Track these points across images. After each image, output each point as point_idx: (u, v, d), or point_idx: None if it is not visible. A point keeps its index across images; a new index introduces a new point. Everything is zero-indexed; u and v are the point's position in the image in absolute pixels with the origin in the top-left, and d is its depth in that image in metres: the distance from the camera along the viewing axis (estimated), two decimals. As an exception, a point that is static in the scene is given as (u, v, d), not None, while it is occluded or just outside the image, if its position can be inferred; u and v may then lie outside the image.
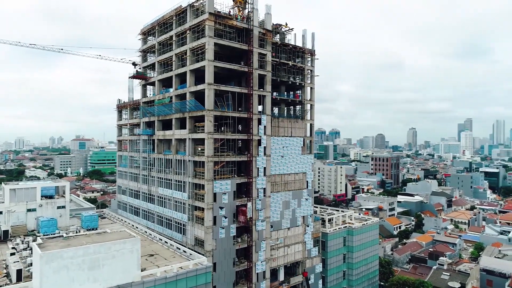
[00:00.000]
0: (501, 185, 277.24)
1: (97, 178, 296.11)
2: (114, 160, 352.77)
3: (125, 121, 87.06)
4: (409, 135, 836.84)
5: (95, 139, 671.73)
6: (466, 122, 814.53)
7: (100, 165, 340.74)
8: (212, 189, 58.82)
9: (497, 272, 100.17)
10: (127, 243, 33.41)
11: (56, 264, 29.95)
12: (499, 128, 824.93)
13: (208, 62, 58.39)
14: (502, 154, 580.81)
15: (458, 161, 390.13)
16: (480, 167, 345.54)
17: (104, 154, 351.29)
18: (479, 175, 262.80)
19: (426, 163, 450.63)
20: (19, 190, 54.21)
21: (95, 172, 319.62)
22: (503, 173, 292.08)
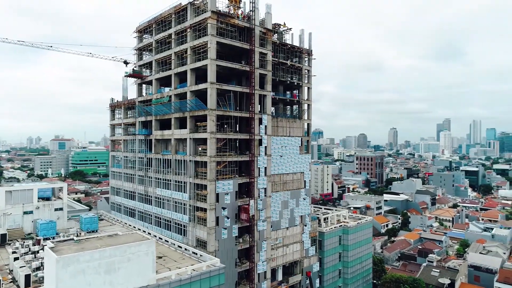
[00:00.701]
0: (480, 183, 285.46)
1: (79, 179, 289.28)
2: (97, 161, 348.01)
3: (118, 121, 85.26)
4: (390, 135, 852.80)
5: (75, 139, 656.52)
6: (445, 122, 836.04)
7: (82, 165, 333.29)
8: (215, 189, 58.21)
9: (484, 268, 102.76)
10: (142, 246, 32.56)
11: (73, 268, 28.91)
12: (476, 128, 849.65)
13: (210, 61, 57.72)
14: (479, 153, 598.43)
15: (439, 160, 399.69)
16: (459, 166, 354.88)
17: (86, 154, 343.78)
18: (460, 173, 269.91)
19: (408, 162, 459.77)
20: (15, 192, 52.22)
21: (78, 173, 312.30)
22: (482, 171, 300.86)
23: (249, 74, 62.66)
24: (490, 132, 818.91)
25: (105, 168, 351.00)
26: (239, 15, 62.98)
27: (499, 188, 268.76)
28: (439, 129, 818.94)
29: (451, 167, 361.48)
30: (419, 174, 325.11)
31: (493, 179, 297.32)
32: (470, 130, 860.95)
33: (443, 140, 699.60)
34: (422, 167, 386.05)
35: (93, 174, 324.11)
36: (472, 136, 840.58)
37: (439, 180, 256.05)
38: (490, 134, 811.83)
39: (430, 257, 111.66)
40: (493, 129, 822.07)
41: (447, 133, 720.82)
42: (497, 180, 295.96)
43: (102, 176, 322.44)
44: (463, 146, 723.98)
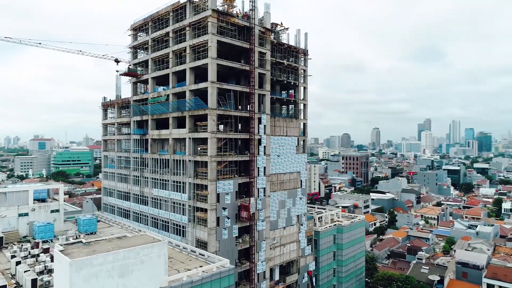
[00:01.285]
0: (461, 182, 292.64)
1: (62, 179, 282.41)
2: (80, 161, 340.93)
3: (111, 120, 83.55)
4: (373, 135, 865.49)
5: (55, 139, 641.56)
6: (425, 122, 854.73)
7: (64, 166, 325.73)
8: (215, 189, 57.69)
9: (471, 264, 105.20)
10: (155, 247, 31.88)
11: (86, 272, 28.03)
12: (455, 128, 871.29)
13: (211, 59, 57.16)
14: (459, 153, 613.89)
15: (421, 160, 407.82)
16: (440, 165, 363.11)
17: (69, 154, 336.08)
18: (443, 172, 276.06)
19: (391, 161, 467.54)
20: (9, 194, 50.39)
21: (60, 174, 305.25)
22: (463, 170, 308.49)
23: (249, 73, 62.36)
24: (469, 132, 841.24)
25: (88, 168, 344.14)
26: (239, 14, 62.59)
27: (479, 186, 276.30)
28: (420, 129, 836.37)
29: (433, 166, 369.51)
30: (402, 173, 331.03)
31: (474, 178, 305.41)
32: (450, 130, 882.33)
33: (424, 140, 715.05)
34: (405, 166, 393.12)
35: (76, 174, 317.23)
36: (451, 135, 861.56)
37: (423, 179, 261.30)
38: (468, 133, 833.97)
39: (419, 255, 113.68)
40: (471, 129, 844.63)
41: (428, 133, 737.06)
42: (478, 179, 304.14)
43: (85, 176, 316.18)
44: (443, 145, 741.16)
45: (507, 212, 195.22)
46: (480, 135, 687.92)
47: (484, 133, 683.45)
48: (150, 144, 70.49)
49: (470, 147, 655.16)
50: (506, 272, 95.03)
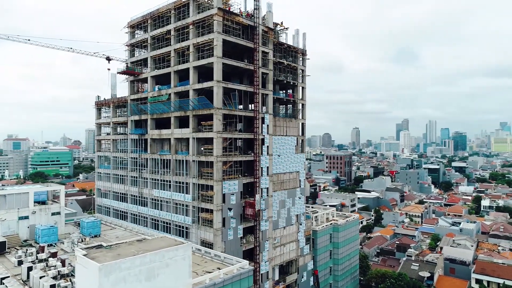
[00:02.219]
0: (441, 180, 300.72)
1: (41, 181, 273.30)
2: (59, 161, 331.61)
3: (105, 119, 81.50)
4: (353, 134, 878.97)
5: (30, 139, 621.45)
6: (403, 122, 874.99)
7: (43, 166, 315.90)
8: (221, 190, 57.10)
9: (458, 260, 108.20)
10: (179, 250, 31.14)
11: (114, 276, 27.09)
12: (432, 127, 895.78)
13: (217, 58, 56.52)
14: (436, 152, 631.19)
15: (401, 159, 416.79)
16: (420, 164, 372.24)
17: (47, 155, 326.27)
18: (424, 171, 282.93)
19: (371, 161, 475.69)
20: (9, 196, 48.24)
21: (38, 175, 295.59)
22: (442, 169, 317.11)
23: (252, 73, 62.04)
24: (444, 131, 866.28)
25: (68, 169, 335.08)
26: (242, 13, 62.16)
27: (458, 184, 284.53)
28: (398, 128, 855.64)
29: (412, 165, 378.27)
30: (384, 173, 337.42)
31: (452, 176, 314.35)
32: (426, 130, 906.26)
33: (402, 140, 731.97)
34: (386, 166, 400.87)
35: (55, 175, 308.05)
36: (428, 135, 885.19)
37: (405, 177, 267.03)
38: (444, 133, 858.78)
39: (409, 252, 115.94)
40: (446, 129, 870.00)
41: (406, 133, 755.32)
42: (456, 177, 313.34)
43: (64, 177, 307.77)
44: (420, 145, 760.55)
45: (485, 209, 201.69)
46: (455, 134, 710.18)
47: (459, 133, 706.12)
48: (149, 144, 69.10)
49: (446, 146, 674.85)
50: (494, 267, 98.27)
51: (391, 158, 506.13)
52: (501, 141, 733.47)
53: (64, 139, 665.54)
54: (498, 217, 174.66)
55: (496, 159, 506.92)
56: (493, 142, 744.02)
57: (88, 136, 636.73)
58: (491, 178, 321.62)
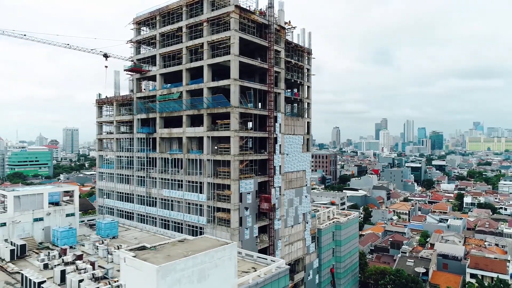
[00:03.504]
0: (423, 178, 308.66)
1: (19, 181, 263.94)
2: (38, 161, 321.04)
3: (108, 118, 79.40)
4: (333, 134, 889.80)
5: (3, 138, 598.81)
6: (382, 121, 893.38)
7: (21, 167, 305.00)
8: (238, 189, 56.63)
9: (450, 256, 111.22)
10: (226, 250, 30.63)
11: (170, 278, 26.36)
12: (409, 127, 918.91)
13: (234, 56, 55.98)
14: (414, 151, 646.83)
15: (383, 157, 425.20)
16: (400, 163, 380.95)
17: (26, 154, 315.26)
18: (407, 170, 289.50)
19: (353, 159, 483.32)
20: (23, 197, 46.16)
21: (16, 175, 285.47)
22: (424, 167, 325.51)
23: (265, 71, 61.83)
24: (421, 131, 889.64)
25: (48, 169, 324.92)
26: (256, 11, 61.78)
27: (439, 182, 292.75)
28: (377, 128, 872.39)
29: (394, 163, 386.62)
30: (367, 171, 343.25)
31: (433, 174, 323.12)
32: (404, 129, 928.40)
33: (382, 139, 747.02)
34: (367, 164, 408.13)
35: (34, 176, 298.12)
36: (406, 134, 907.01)
37: (389, 176, 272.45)
38: (421, 132, 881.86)
39: (403, 248, 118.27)
40: (423, 128, 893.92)
41: (385, 132, 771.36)
42: (437, 175, 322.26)
43: (44, 178, 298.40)
44: (399, 144, 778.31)
45: (468, 206, 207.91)
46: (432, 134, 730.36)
47: (436, 132, 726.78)
48: (158, 143, 67.74)
49: (424, 145, 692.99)
50: (487, 262, 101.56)
51: (371, 157, 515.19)
52: (475, 140, 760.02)
53: (41, 139, 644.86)
54: (481, 213, 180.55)
55: (472, 158, 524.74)
56: (467, 141, 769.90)
57: (65, 135, 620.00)
58: (469, 176, 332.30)
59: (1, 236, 44.08)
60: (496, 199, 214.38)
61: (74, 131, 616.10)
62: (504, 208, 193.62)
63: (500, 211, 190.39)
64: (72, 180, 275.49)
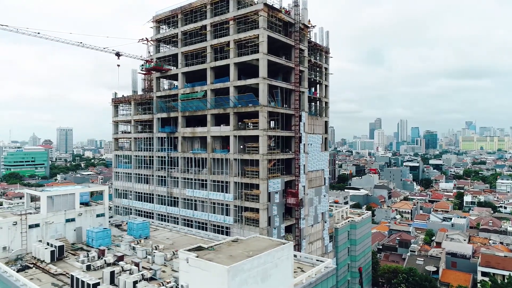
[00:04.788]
0: (421, 178, 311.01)
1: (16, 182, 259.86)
2: (35, 162, 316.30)
3: (125, 117, 78.43)
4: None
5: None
6: (376, 121, 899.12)
7: (17, 167, 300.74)
8: (267, 188, 56.26)
9: (459, 254, 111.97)
10: (284, 250, 30.29)
11: (239, 278, 25.94)
12: (403, 126, 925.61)
13: (262, 55, 55.59)
14: (408, 150, 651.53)
15: (380, 157, 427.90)
16: (397, 162, 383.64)
17: (22, 155, 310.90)
18: (406, 169, 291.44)
19: (349, 159, 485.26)
20: (56, 198, 45.28)
21: (13, 176, 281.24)
22: (421, 166, 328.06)
23: (289, 70, 61.60)
24: (415, 130, 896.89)
25: (44, 169, 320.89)
26: (282, 9, 61.45)
27: (437, 181, 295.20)
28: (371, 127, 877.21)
29: (390, 163, 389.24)
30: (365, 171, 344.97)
31: (431, 173, 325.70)
32: (398, 129, 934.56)
33: (377, 138, 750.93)
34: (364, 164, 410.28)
35: (30, 176, 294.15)
36: (399, 134, 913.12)
37: (389, 175, 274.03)
38: (414, 132, 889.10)
39: (412, 247, 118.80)
40: (417, 128, 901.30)
41: (380, 132, 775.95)
42: (434, 174, 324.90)
43: (40, 178, 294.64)
44: (393, 143, 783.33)
45: (468, 205, 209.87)
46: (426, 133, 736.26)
47: (430, 131, 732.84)
48: (180, 143, 67.05)
49: (418, 144, 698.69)
50: (498, 260, 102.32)
51: (367, 156, 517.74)
52: (468, 140, 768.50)
53: (34, 139, 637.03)
54: (482, 212, 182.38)
55: (466, 157, 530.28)
56: (461, 141, 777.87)
57: (59, 135, 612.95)
58: (465, 175, 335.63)
59: (34, 237, 43.21)
60: (495, 198, 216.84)
61: (68, 131, 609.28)
62: (504, 207, 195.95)
63: (500, 210, 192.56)
64: (69, 181, 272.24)
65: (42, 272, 37.10)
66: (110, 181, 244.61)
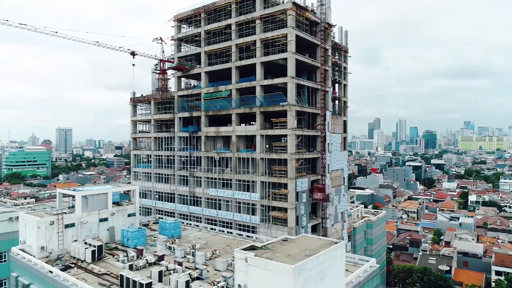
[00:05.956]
0: (423, 177, 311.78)
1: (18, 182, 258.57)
2: (36, 162, 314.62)
3: (144, 117, 78.09)
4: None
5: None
6: (375, 121, 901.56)
7: (19, 167, 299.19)
8: (295, 187, 56.16)
9: (471, 253, 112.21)
10: (338, 249, 30.22)
11: (302, 278, 25.81)
12: (401, 126, 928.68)
13: (291, 54, 55.48)
14: (408, 150, 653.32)
15: (381, 157, 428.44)
16: (398, 162, 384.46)
17: (23, 155, 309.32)
18: (409, 168, 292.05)
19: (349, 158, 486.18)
20: (91, 197, 45.01)
21: (15, 176, 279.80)
22: (424, 166, 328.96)
23: (314, 69, 61.55)
24: (413, 130, 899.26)
25: (46, 169, 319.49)
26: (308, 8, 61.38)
27: (440, 181, 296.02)
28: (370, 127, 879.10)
29: (391, 163, 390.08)
30: (367, 170, 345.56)
31: (433, 173, 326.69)
32: (397, 129, 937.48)
33: (376, 138, 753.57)
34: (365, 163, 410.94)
35: (32, 176, 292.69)
36: (398, 134, 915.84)
37: (392, 175, 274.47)
38: (413, 132, 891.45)
39: (424, 247, 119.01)
40: (415, 128, 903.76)
41: (380, 131, 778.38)
42: (437, 174, 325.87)
43: (42, 178, 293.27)
44: (392, 143, 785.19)
45: (473, 204, 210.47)
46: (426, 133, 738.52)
47: (429, 131, 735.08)
48: (203, 142, 66.80)
49: (418, 144, 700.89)
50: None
51: (367, 156, 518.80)
52: (467, 139, 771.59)
53: (33, 138, 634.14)
54: (488, 211, 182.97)
55: (466, 157, 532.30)
56: (460, 140, 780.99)
57: (59, 135, 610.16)
58: (467, 174, 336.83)
59: (70, 236, 42.89)
60: (499, 197, 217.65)
61: (68, 131, 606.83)
62: (509, 206, 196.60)
63: (506, 209, 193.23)
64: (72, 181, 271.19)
65: (85, 272, 36.78)
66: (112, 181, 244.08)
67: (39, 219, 40.54)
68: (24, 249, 41.80)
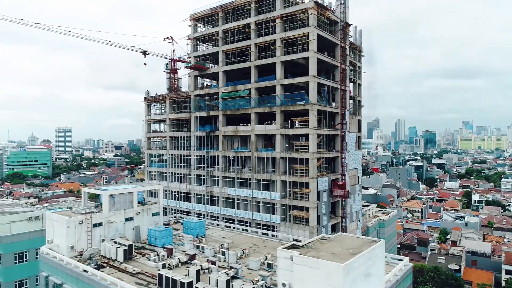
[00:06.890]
0: (425, 177, 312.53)
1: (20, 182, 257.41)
2: (37, 161, 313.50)
3: (159, 116, 77.87)
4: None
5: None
6: (374, 121, 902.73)
7: (20, 167, 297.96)
8: (317, 187, 56.15)
9: (479, 252, 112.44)
10: (379, 248, 30.27)
11: (351, 276, 25.85)
12: (400, 126, 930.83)
13: (313, 53, 55.47)
14: (407, 150, 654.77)
15: (381, 156, 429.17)
16: (398, 161, 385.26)
17: (25, 154, 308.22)
18: (412, 168, 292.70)
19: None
20: (117, 197, 44.84)
21: (16, 175, 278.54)
22: (425, 166, 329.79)
23: (335, 68, 61.51)
24: (412, 130, 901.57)
25: (47, 169, 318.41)
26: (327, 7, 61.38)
27: (441, 180, 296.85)
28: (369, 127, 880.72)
29: (392, 162, 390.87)
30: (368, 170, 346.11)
31: (435, 173, 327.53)
32: (396, 128, 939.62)
33: (376, 138, 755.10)
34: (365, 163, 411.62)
35: (33, 176, 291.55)
36: (397, 133, 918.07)
37: (395, 174, 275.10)
38: (412, 131, 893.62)
39: (432, 246, 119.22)
40: (414, 127, 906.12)
41: (379, 131, 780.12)
42: (438, 173, 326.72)
43: (43, 178, 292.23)
44: (391, 143, 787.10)
45: (476, 203, 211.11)
46: (425, 133, 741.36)
47: (429, 131, 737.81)
48: (221, 141, 66.67)
49: (417, 144, 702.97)
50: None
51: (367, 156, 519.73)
52: (466, 139, 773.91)
53: (32, 138, 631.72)
54: (492, 210, 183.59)
55: (465, 156, 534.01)
56: (459, 140, 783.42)
57: (58, 135, 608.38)
58: (468, 174, 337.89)
59: (97, 236, 42.73)
60: (502, 197, 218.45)
61: (67, 131, 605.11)
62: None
63: (509, 208, 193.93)
64: (73, 180, 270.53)
65: (118, 271, 36.63)
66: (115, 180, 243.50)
67: (68, 218, 40.36)
68: (52, 248, 41.62)
